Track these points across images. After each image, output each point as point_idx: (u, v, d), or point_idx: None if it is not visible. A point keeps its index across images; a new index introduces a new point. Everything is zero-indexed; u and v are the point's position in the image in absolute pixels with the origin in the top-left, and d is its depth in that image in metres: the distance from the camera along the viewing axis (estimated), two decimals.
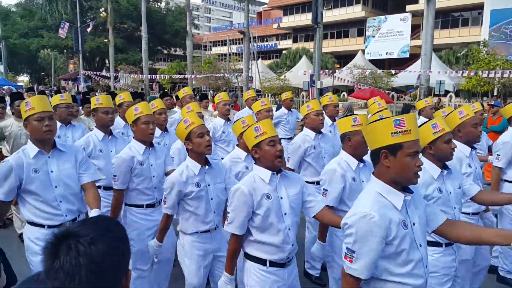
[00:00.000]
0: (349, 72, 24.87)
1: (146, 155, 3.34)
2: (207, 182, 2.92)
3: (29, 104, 2.70)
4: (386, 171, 1.86)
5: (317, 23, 17.52)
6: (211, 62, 29.75)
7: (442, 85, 18.83)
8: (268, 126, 2.51)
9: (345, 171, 2.94)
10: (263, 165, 2.48)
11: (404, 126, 1.81)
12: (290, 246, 2.48)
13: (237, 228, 2.46)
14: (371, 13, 37.38)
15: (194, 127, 2.86)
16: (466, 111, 3.12)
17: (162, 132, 4.42)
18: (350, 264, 1.82)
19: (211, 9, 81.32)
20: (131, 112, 3.32)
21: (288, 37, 46.00)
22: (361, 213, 1.80)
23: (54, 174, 2.76)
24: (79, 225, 1.08)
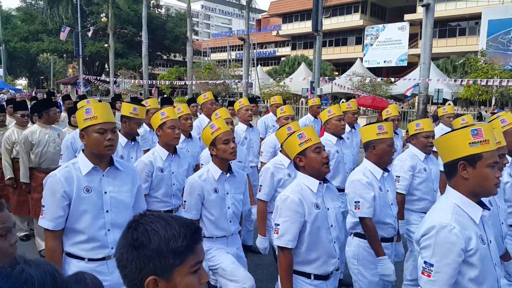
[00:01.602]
0: (348, 80, 25.08)
1: (168, 162, 3.29)
2: (226, 189, 2.87)
3: (90, 112, 2.28)
4: (464, 183, 1.77)
5: (317, 31, 17.73)
6: (211, 68, 29.89)
7: (441, 94, 19.05)
8: (312, 133, 2.43)
9: (370, 180, 2.82)
10: (309, 173, 2.39)
11: (482, 136, 1.74)
12: (336, 259, 2.42)
13: (290, 241, 2.29)
14: (369, 21, 37.75)
15: (220, 133, 2.82)
16: (509, 120, 3.05)
17: (186, 139, 4.32)
18: (428, 279, 1.72)
19: (210, 16, 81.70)
20: (157, 117, 3.29)
21: (287, 44, 46.28)
22: (440, 224, 1.72)
23: (107, 196, 2.28)
24: (141, 217, 1.14)
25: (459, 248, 1.67)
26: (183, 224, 1.09)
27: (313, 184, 2.37)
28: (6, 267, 0.88)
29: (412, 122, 3.73)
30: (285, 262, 2.31)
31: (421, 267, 1.76)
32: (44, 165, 4.64)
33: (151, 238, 1.06)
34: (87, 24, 39.05)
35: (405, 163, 3.56)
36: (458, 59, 29.42)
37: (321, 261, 2.35)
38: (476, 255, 1.70)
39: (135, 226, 1.09)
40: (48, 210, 2.20)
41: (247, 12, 24.48)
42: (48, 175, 2.29)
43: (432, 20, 15.15)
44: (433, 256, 1.71)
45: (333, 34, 39.80)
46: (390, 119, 5.20)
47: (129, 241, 1.08)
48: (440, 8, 28.98)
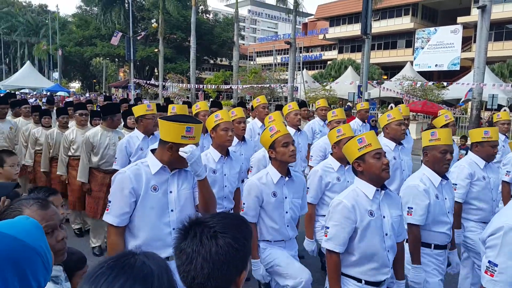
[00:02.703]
0: (398, 84, 24.47)
1: (220, 164, 3.31)
2: (284, 193, 2.86)
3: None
4: None
5: (366, 34, 17.50)
6: (257, 72, 30.20)
7: (495, 99, 18.12)
8: (372, 138, 2.39)
9: (427, 187, 2.77)
10: (367, 178, 2.36)
11: None
12: (389, 268, 2.38)
13: (338, 245, 2.30)
14: (420, 24, 36.58)
15: (279, 136, 2.80)
16: None
17: (239, 142, 4.33)
18: (491, 279, 1.75)
19: (257, 20, 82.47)
20: (212, 119, 3.34)
21: (334, 48, 45.77)
22: (509, 225, 1.72)
23: (172, 196, 2.31)
24: (211, 217, 1.17)
25: None
26: None
27: (370, 190, 2.35)
28: (128, 256, 0.89)
29: (479, 129, 3.61)
30: (332, 265, 2.33)
31: (484, 266, 1.78)
32: (104, 166, 4.74)
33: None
34: (138, 30, 40.73)
35: (463, 170, 3.47)
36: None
37: (373, 269, 2.33)
38: None
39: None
40: (114, 206, 2.22)
41: (294, 16, 24.61)
42: (118, 172, 2.33)
43: (488, 23, 14.55)
44: (498, 256, 1.73)
45: (382, 37, 38.92)
46: (450, 124, 5.03)
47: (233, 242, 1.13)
48: (496, 10, 27.58)
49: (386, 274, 2.37)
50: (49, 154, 5.50)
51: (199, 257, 1.08)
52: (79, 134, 5.15)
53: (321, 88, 28.39)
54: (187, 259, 1.10)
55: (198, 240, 1.10)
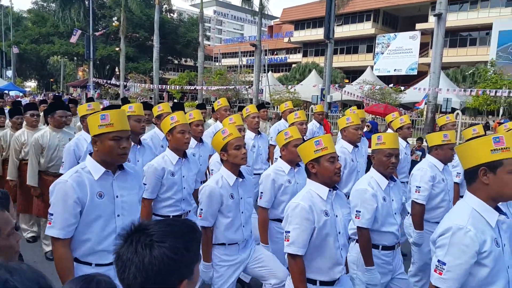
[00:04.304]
0: (359, 87, 25.17)
1: (178, 166, 3.28)
2: (240, 194, 2.89)
3: (106, 119, 2.20)
4: (484, 188, 1.85)
5: (329, 39, 17.88)
6: (222, 74, 30.13)
7: (449, 103, 19.01)
8: (328, 142, 2.44)
9: (375, 190, 2.85)
10: (320, 180, 2.42)
11: (504, 144, 1.81)
12: (342, 266, 2.44)
13: (301, 248, 2.32)
14: (381, 30, 37.80)
15: (231, 139, 2.83)
16: None
17: (197, 143, 4.32)
18: (439, 277, 1.81)
19: (222, 21, 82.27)
20: (167, 121, 3.29)
21: (298, 51, 46.40)
22: (457, 226, 1.80)
23: (119, 200, 2.26)
24: (154, 223, 1.12)
25: (473, 251, 1.76)
26: None
27: (323, 191, 2.40)
28: None
29: (438, 133, 3.73)
30: (298, 269, 2.33)
31: (434, 265, 1.85)
32: (53, 169, 4.54)
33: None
34: (99, 28, 39.54)
35: (426, 173, 3.56)
36: (468, 69, 29.36)
37: (327, 267, 2.38)
38: (490, 257, 1.78)
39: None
40: (58, 218, 2.10)
41: (260, 18, 24.74)
42: (56, 181, 2.19)
43: (444, 30, 15.23)
44: (446, 255, 1.81)
45: (345, 42, 39.88)
46: (404, 127, 5.25)
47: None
48: (451, 18, 28.99)
49: (340, 272, 2.43)
50: (1, 157, 5.21)
51: (132, 266, 1.05)
52: (30, 136, 4.85)
53: (286, 90, 28.72)
54: (122, 266, 1.07)
55: (133, 248, 1.06)
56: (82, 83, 42.57)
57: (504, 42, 27.47)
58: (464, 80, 29.12)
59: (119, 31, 33.77)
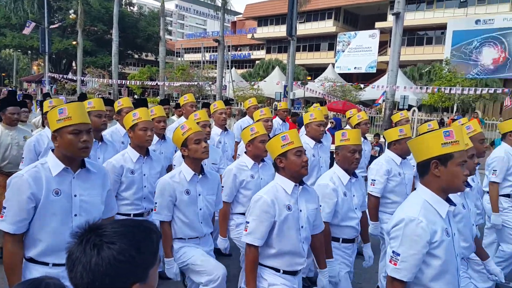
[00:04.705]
0: (320, 85, 25.53)
1: (139, 164, 3.23)
2: (198, 191, 2.87)
3: (64, 113, 2.13)
4: (435, 181, 1.91)
5: (291, 36, 17.97)
6: (185, 69, 29.65)
7: (406, 100, 19.66)
8: (294, 136, 2.51)
9: (336, 186, 2.93)
10: (287, 175, 2.48)
11: (454, 137, 1.89)
12: (303, 259, 2.51)
13: (258, 239, 2.40)
14: (342, 28, 38.53)
15: (191, 133, 2.83)
16: (474, 127, 3.26)
17: (159, 140, 4.28)
18: (394, 267, 1.87)
19: (184, 16, 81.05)
20: (129, 118, 3.23)
21: (262, 48, 46.51)
22: (409, 217, 1.86)
23: (77, 200, 2.18)
24: (109, 223, 1.09)
25: (425, 241, 1.83)
26: None
27: (289, 186, 2.47)
28: None
29: (394, 129, 3.84)
30: (251, 258, 2.42)
31: (389, 256, 1.91)
32: (6, 168, 4.38)
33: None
34: (55, 20, 37.85)
35: (382, 167, 3.70)
36: (424, 67, 30.53)
37: (289, 259, 2.46)
38: (441, 247, 1.86)
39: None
40: (10, 212, 2.06)
41: (222, 13, 24.51)
42: (13, 175, 2.14)
43: (401, 29, 15.66)
44: (400, 246, 1.87)
45: (307, 40, 40.35)
46: (362, 123, 5.38)
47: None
48: (409, 17, 30.00)
49: (302, 264, 2.50)
50: None
51: (80, 266, 1.03)
52: None
53: (250, 87, 28.69)
54: (70, 265, 1.05)
55: (82, 247, 1.04)
56: (37, 78, 40.65)
57: (457, 41, 28.76)
58: (420, 78, 30.26)
59: (77, 24, 32.44)
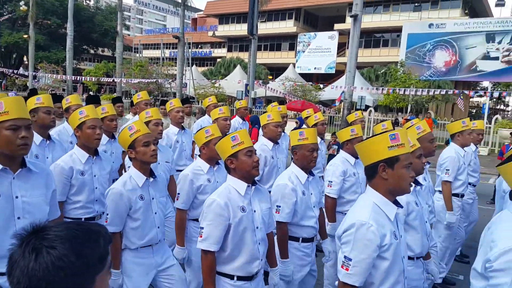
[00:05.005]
0: (281, 84, 25.73)
1: (89, 165, 3.08)
2: (151, 195, 2.75)
3: (0, 107, 2.02)
4: (383, 183, 1.94)
5: (253, 35, 17.97)
6: (143, 66, 28.88)
7: (363, 100, 20.24)
8: (245, 136, 2.46)
9: (295, 185, 2.92)
10: (239, 176, 2.43)
11: (399, 140, 1.91)
12: (260, 261, 2.45)
13: (213, 244, 2.32)
14: (302, 29, 39.06)
15: (139, 135, 2.70)
16: (424, 127, 3.32)
17: (110, 139, 4.13)
18: (346, 272, 1.86)
19: (143, 11, 79.11)
20: (76, 116, 3.06)
21: (223, 46, 46.25)
22: (360, 222, 1.86)
23: (19, 201, 2.08)
24: (55, 225, 1.03)
25: (375, 245, 1.84)
26: None
27: (241, 187, 2.42)
28: None
29: (346, 129, 3.87)
30: (208, 265, 2.34)
31: (341, 261, 1.90)
32: None
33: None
34: (4, 12, 35.85)
35: (338, 168, 3.72)
36: (380, 68, 31.54)
37: (244, 262, 2.39)
38: (389, 250, 1.88)
39: None
40: None
41: (182, 10, 24.09)
42: None
43: (359, 31, 16.05)
44: (352, 251, 1.86)
45: (268, 39, 40.58)
46: (319, 124, 5.43)
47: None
48: (367, 20, 30.87)
49: (258, 266, 2.44)
50: None
51: (17, 269, 0.97)
52: None
53: (211, 85, 28.43)
54: (9, 268, 1.00)
55: (22, 251, 0.98)
56: None
57: (412, 44, 29.92)
58: (377, 79, 31.24)
59: (28, 16, 30.78)
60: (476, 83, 37.02)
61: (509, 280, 1.53)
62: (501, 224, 1.72)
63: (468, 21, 28.59)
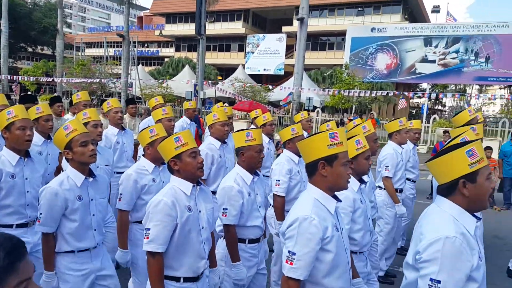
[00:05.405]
0: (231, 85, 25.72)
1: (19, 167, 2.94)
2: (90, 195, 2.66)
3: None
4: (323, 180, 2.00)
5: (200, 35, 17.78)
6: (85, 64, 27.62)
7: (311, 101, 20.75)
8: (188, 137, 2.42)
9: (241, 187, 2.89)
10: (183, 176, 2.39)
11: (338, 139, 1.99)
12: (205, 260, 2.44)
13: (161, 245, 2.27)
14: (251, 30, 39.33)
15: (75, 135, 2.60)
16: (369, 127, 3.44)
17: (45, 140, 3.95)
18: (291, 267, 1.89)
19: (86, 9, 75.81)
20: (3, 116, 2.90)
21: (171, 45, 45.44)
22: (303, 216, 1.90)
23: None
24: None
25: (318, 238, 1.88)
26: None
27: (187, 187, 2.38)
28: None
29: (286, 129, 3.92)
30: (156, 267, 2.26)
31: (285, 256, 1.92)
32: None
33: None
34: None
35: (284, 167, 3.77)
36: (326, 70, 32.52)
37: (190, 263, 2.36)
38: (332, 242, 1.93)
39: None
40: None
41: (127, 7, 23.31)
42: None
43: (306, 34, 16.40)
44: (295, 245, 1.89)
45: (217, 39, 40.44)
46: (267, 124, 5.47)
47: None
48: (313, 23, 31.68)
49: (204, 266, 2.42)
50: None
51: None
52: None
53: (158, 85, 27.81)
54: None
55: None
56: None
57: (356, 47, 31.10)
58: (323, 81, 32.17)
59: None
60: (416, 84, 39.20)
61: (436, 269, 1.60)
62: (428, 218, 1.80)
63: (408, 26, 30.22)
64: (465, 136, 2.63)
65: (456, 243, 1.59)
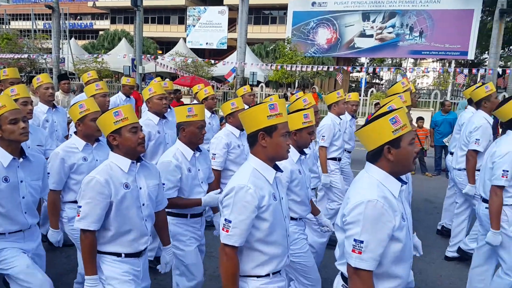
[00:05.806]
0: (172, 59, 24.92)
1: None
2: (19, 177, 2.55)
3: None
4: (263, 150, 2.06)
5: (137, 6, 16.93)
6: (11, 39, 25.37)
7: (255, 76, 20.76)
8: (129, 112, 2.38)
9: (180, 162, 2.91)
10: (122, 152, 2.37)
11: (277, 110, 2.03)
12: (148, 237, 2.46)
13: (93, 223, 2.27)
14: (191, 2, 38.08)
15: (4, 111, 2.47)
16: (309, 100, 3.52)
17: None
18: (226, 234, 1.96)
19: None
20: None
21: (106, 18, 43.00)
22: (239, 186, 1.97)
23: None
24: None
25: (253, 206, 1.95)
26: None
27: (125, 163, 2.36)
28: None
29: (227, 102, 3.96)
30: (87, 244, 2.29)
31: (222, 224, 1.99)
32: None
33: None
34: None
35: (221, 141, 3.86)
36: (269, 45, 32.49)
37: (132, 240, 2.37)
38: (268, 210, 2.00)
39: None
40: None
41: None
42: None
43: (247, 7, 16.20)
44: (231, 213, 1.96)
45: (156, 11, 38.79)
46: (209, 98, 5.44)
47: None
48: None
49: (146, 243, 2.44)
50: None
51: None
52: None
53: (93, 60, 26.29)
54: None
55: None
56: None
57: (297, 21, 31.22)
58: (267, 56, 32.18)
59: None
60: (355, 59, 40.40)
61: (359, 230, 1.71)
62: (357, 183, 1.90)
63: (347, 0, 30.75)
64: (392, 105, 2.77)
65: (377, 206, 1.70)
